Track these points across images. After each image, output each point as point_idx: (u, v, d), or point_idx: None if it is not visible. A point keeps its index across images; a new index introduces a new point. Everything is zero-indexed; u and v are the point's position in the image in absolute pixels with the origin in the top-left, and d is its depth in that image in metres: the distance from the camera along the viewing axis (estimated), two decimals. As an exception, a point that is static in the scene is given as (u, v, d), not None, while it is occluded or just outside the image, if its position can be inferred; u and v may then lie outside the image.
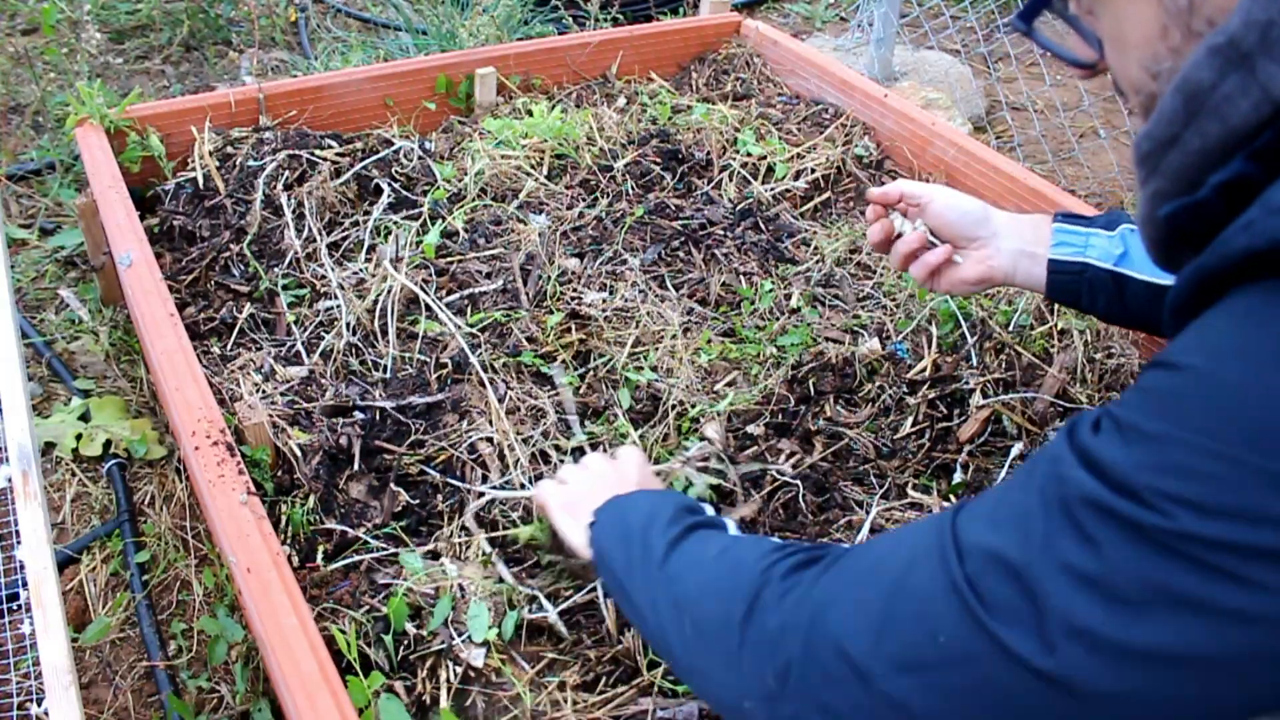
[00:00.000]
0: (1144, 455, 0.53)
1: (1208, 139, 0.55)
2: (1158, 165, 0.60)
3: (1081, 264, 1.12)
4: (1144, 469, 0.53)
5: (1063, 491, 0.56)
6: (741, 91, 2.20)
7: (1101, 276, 1.12)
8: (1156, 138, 0.59)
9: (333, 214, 1.71)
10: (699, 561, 0.81)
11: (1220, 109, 0.54)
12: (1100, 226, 1.14)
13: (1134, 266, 1.11)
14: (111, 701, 1.24)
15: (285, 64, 2.81)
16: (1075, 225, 1.15)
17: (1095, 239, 1.13)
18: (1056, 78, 3.05)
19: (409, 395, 1.38)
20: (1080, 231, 1.14)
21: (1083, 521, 0.54)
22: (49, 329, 1.78)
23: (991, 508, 0.61)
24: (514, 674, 1.08)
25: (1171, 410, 0.53)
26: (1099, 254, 1.12)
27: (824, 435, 1.39)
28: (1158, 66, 0.61)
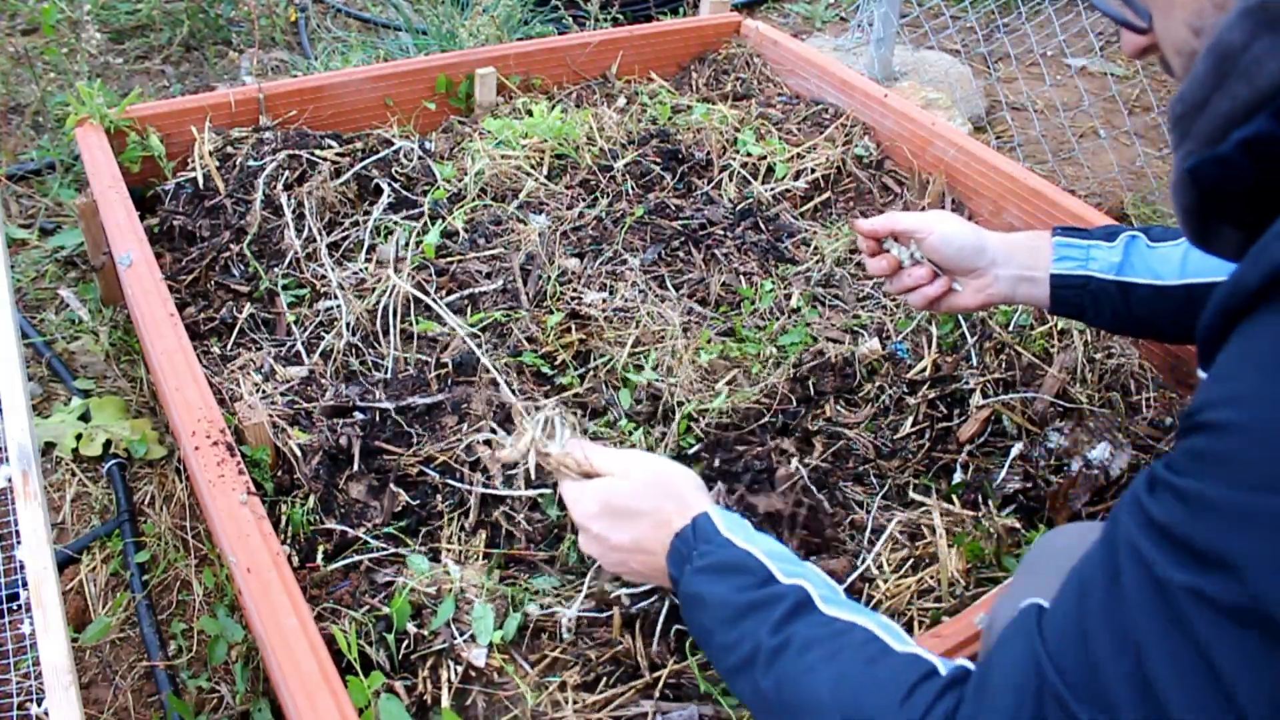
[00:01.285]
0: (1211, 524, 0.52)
1: (1236, 101, 0.56)
2: (1189, 129, 0.60)
3: (1084, 277, 1.12)
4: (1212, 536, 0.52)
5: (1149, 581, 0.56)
6: (741, 91, 2.20)
7: (1106, 287, 1.11)
8: (1188, 100, 0.59)
9: (333, 214, 1.71)
10: (814, 699, 0.73)
11: (1249, 70, 0.54)
12: (1100, 238, 1.14)
13: (1137, 273, 1.11)
14: (111, 701, 1.24)
15: (285, 64, 2.81)
16: (1074, 238, 1.15)
17: (1096, 250, 1.13)
18: (1056, 78, 3.05)
19: (409, 395, 1.38)
20: (1080, 244, 1.14)
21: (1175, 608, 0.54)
22: (49, 329, 1.78)
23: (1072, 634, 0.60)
24: (515, 674, 1.08)
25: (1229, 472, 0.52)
26: (1101, 265, 1.12)
27: (824, 435, 1.39)
28: (1201, 22, 0.61)
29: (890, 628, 0.77)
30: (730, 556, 0.85)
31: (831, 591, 0.81)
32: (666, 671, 1.08)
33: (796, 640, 0.76)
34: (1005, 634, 0.65)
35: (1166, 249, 1.11)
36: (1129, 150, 2.72)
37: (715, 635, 0.82)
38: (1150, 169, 2.63)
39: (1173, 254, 1.10)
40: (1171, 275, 1.09)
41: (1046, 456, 1.35)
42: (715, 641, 0.82)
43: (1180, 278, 1.09)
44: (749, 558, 0.84)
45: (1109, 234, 1.14)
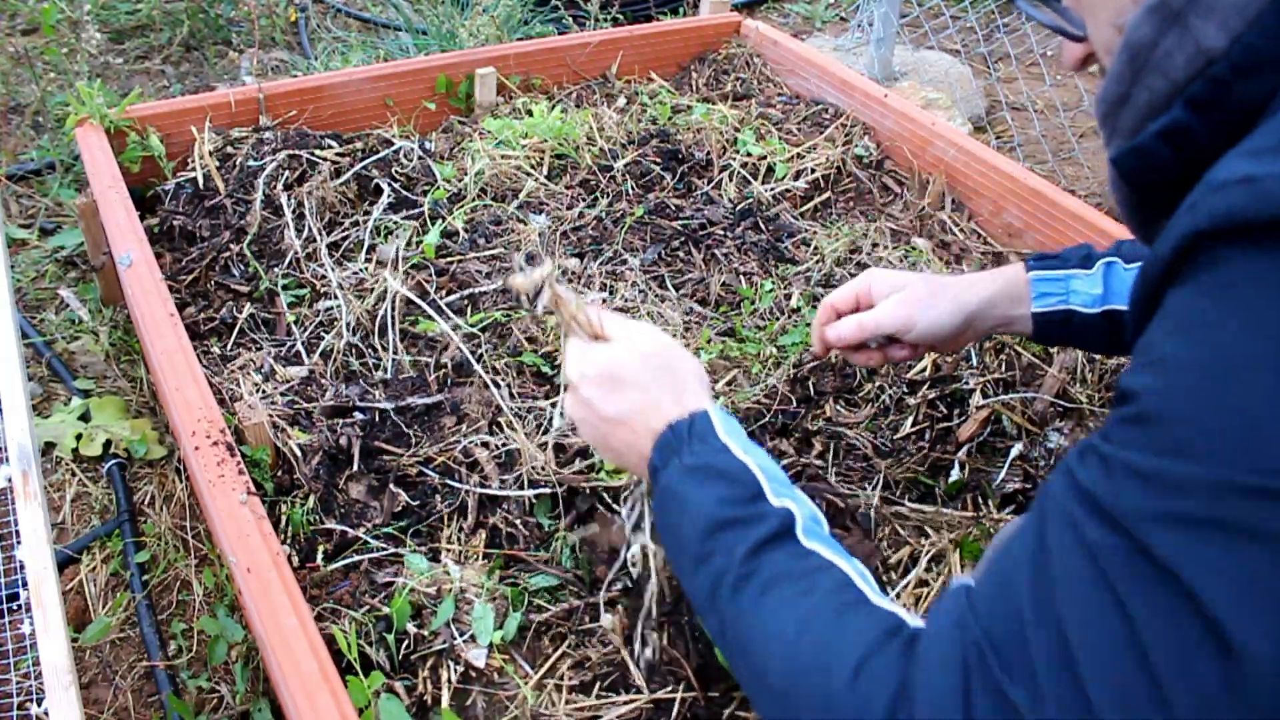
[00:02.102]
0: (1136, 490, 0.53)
1: (1154, 93, 0.58)
2: (1115, 125, 0.62)
3: (1067, 312, 1.08)
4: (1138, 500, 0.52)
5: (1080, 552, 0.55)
6: (741, 91, 2.20)
7: (1090, 320, 1.08)
8: (1109, 98, 0.62)
9: (333, 214, 1.71)
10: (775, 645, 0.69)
11: (1162, 64, 0.57)
12: (1076, 265, 1.09)
13: (1121, 300, 1.07)
14: (111, 701, 1.24)
15: (285, 64, 2.81)
16: (1051, 269, 1.09)
17: (1076, 282, 1.09)
18: (1056, 78, 3.05)
19: (409, 396, 1.38)
20: (1058, 277, 1.09)
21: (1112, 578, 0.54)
22: (49, 329, 1.78)
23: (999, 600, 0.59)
24: (515, 674, 1.08)
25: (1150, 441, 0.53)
26: (1083, 299, 1.08)
27: (824, 435, 1.39)
28: (1122, 19, 0.63)
29: (867, 576, 0.72)
30: (723, 463, 0.79)
31: (816, 524, 0.76)
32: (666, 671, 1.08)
33: (765, 572, 0.72)
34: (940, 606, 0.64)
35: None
36: (1129, 150, 2.72)
37: (687, 542, 0.77)
38: (1150, 169, 2.62)
39: None
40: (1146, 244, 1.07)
41: (1046, 456, 1.35)
42: (686, 549, 0.77)
43: None
44: (744, 470, 0.78)
45: (1085, 259, 1.10)
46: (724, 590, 0.72)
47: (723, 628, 0.73)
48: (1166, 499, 0.51)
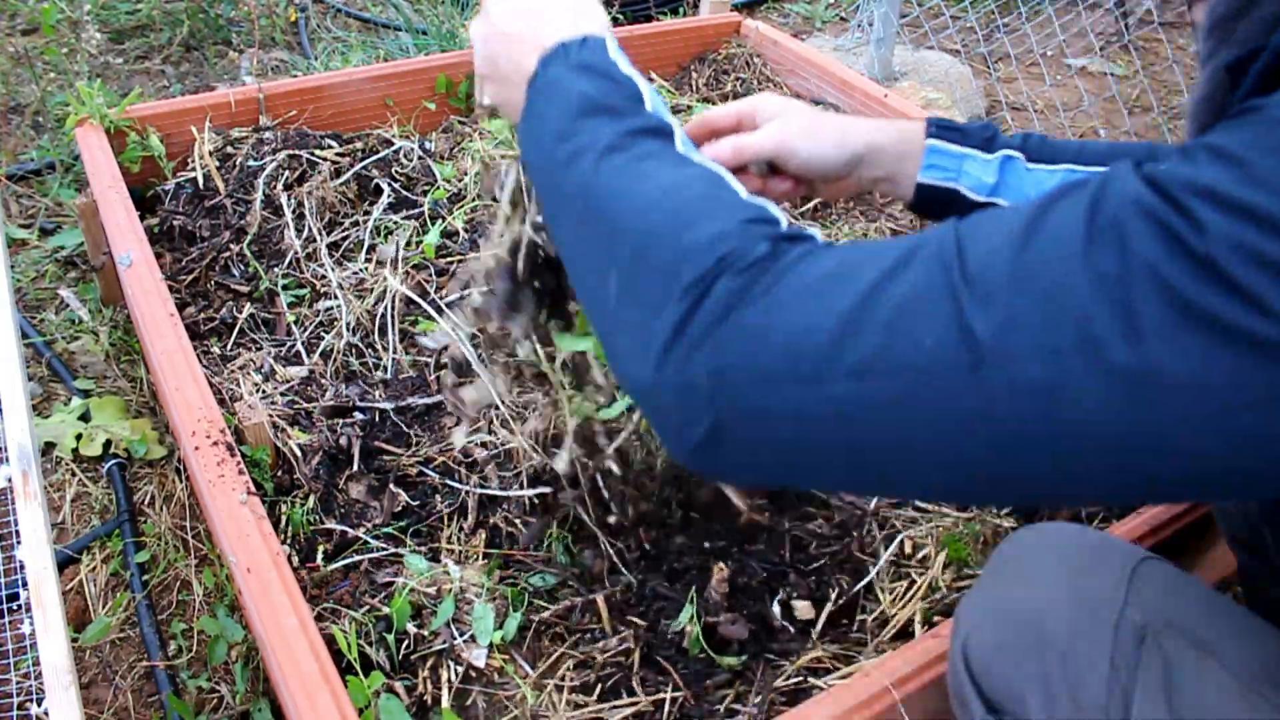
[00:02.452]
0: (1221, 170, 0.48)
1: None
2: (1231, 33, 0.56)
3: (952, 190, 1.01)
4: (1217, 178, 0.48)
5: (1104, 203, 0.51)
6: (742, 91, 2.20)
7: (973, 204, 1.01)
8: (1232, 4, 0.56)
9: (333, 214, 1.71)
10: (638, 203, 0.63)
11: None
12: (977, 146, 1.02)
13: (1009, 196, 1.02)
14: (111, 701, 1.24)
15: (285, 64, 2.81)
16: (950, 143, 1.02)
17: (970, 164, 1.01)
18: (1056, 78, 3.05)
19: (409, 396, 1.38)
20: (954, 153, 1.01)
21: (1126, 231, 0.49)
22: (49, 329, 1.78)
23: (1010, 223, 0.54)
24: (515, 674, 1.08)
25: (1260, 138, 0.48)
26: (973, 183, 1.01)
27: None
28: None
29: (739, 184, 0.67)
30: (608, 68, 0.73)
31: (692, 146, 0.70)
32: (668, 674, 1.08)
33: (640, 149, 0.66)
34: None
35: (1043, 174, 1.01)
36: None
37: (551, 122, 0.71)
38: (1150, 169, 2.63)
39: (1049, 181, 1.00)
40: None
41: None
42: (549, 128, 0.71)
43: None
44: (630, 79, 0.72)
45: (987, 140, 1.02)
46: (585, 161, 0.66)
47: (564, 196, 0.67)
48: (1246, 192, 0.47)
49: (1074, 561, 0.83)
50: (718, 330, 0.56)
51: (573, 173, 0.67)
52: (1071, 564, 0.83)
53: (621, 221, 0.63)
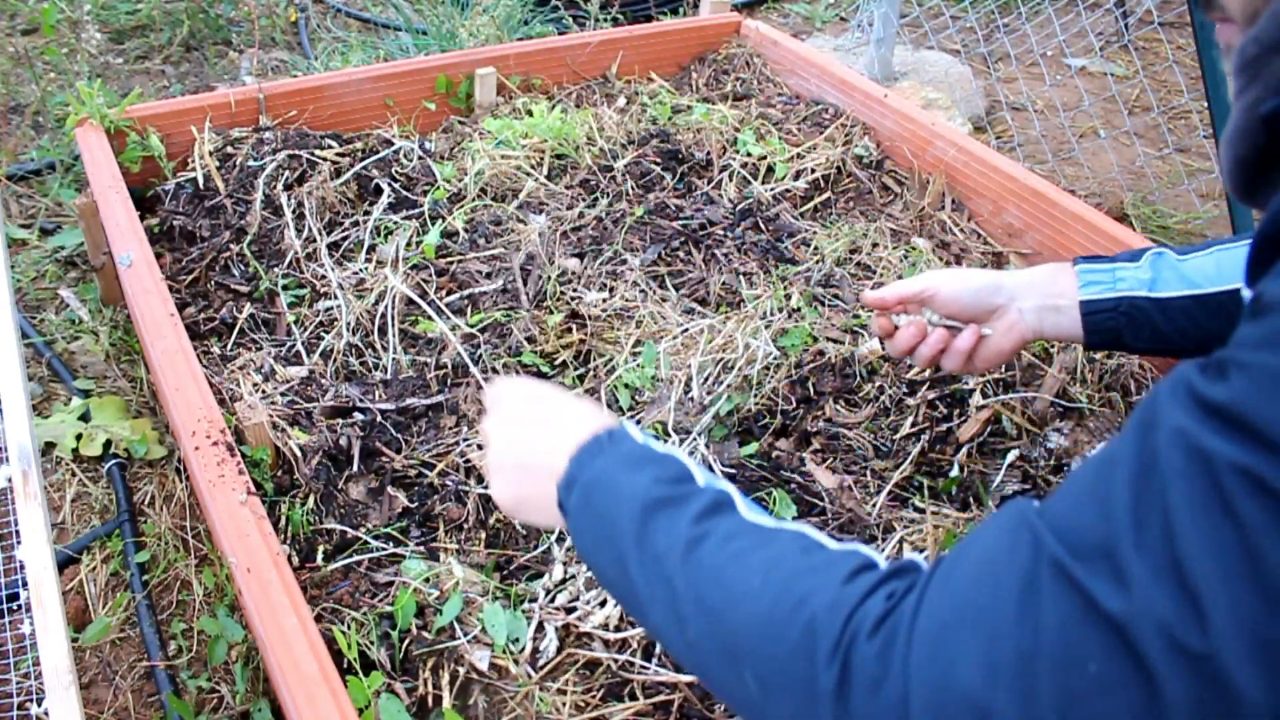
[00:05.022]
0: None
1: None
2: (1259, 72, 0.55)
3: (1116, 299, 1.07)
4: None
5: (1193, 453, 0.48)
6: (741, 91, 2.20)
7: (1140, 304, 1.07)
8: (1264, 42, 0.54)
9: (333, 214, 1.71)
10: (741, 591, 0.63)
11: None
12: (1124, 260, 1.10)
13: (1171, 287, 1.06)
14: (111, 701, 1.24)
15: (285, 64, 2.81)
16: (1098, 264, 1.10)
17: (1123, 271, 1.09)
18: (1056, 78, 3.05)
19: (409, 397, 1.38)
20: (1104, 268, 1.09)
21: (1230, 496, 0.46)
22: (49, 329, 1.78)
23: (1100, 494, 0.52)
24: (517, 675, 1.08)
25: None
26: (1131, 284, 1.07)
27: (824, 435, 1.38)
28: None
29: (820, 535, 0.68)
30: (648, 452, 0.74)
31: (756, 507, 0.71)
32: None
33: (718, 533, 0.66)
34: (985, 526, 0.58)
35: (1198, 259, 1.07)
36: (1129, 150, 2.72)
37: (623, 528, 0.70)
38: (1150, 169, 2.63)
39: (1205, 263, 1.06)
40: (1209, 283, 1.05)
41: (1046, 457, 1.35)
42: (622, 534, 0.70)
43: (1219, 285, 1.04)
44: (668, 457, 0.74)
45: (1133, 255, 1.10)
46: (673, 560, 0.66)
47: (675, 606, 0.66)
48: None
49: None
50: (875, 702, 0.55)
51: (660, 574, 0.67)
52: None
53: (737, 618, 0.62)
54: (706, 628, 0.64)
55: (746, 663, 0.62)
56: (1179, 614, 0.46)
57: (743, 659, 0.62)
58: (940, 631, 0.54)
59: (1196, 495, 0.47)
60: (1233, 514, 0.46)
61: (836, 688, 0.56)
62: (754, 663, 0.61)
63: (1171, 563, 0.47)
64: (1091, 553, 0.49)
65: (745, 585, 0.63)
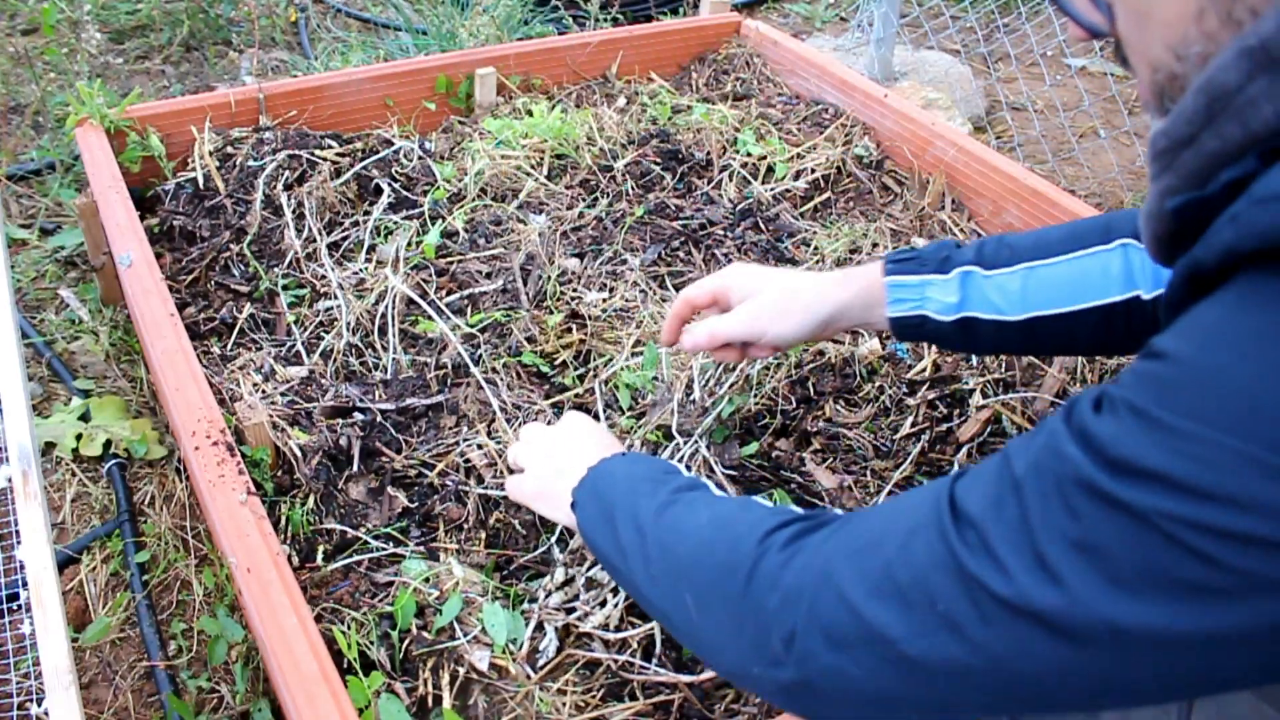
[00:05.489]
0: (1135, 433, 0.54)
1: (1226, 141, 0.54)
2: (1171, 163, 0.59)
3: (921, 317, 1.08)
4: (1134, 445, 0.54)
5: (1057, 467, 0.57)
6: (741, 91, 2.20)
7: (943, 327, 1.08)
8: (1174, 136, 0.58)
9: (333, 214, 1.71)
10: (690, 530, 0.81)
11: (1243, 112, 0.53)
12: (934, 270, 1.08)
13: (976, 308, 1.07)
14: (111, 701, 1.24)
15: (285, 64, 2.81)
16: (908, 274, 1.09)
17: (931, 289, 1.08)
18: (1056, 78, 3.05)
19: (409, 397, 1.38)
20: (914, 283, 1.08)
21: (1073, 501, 0.56)
22: (49, 329, 1.78)
23: (987, 479, 0.62)
24: (517, 676, 1.08)
25: (1165, 395, 0.54)
26: (938, 307, 1.07)
27: (824, 435, 1.39)
28: (1187, 50, 0.58)
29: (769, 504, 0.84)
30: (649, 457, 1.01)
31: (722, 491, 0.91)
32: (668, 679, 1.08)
33: (686, 499, 0.86)
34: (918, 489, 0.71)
35: (1002, 278, 1.07)
36: (1129, 150, 2.72)
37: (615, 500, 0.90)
38: (1150, 169, 2.62)
39: (1010, 283, 1.06)
40: (1014, 309, 1.06)
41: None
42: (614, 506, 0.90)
43: (1023, 312, 1.05)
44: (664, 460, 0.98)
45: (943, 261, 1.08)
46: (648, 517, 0.85)
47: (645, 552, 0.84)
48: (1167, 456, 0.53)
49: None
50: (770, 596, 0.70)
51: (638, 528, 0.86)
52: None
53: (682, 549, 0.81)
54: (661, 562, 0.82)
55: (685, 584, 0.78)
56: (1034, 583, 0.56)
57: (683, 581, 0.78)
58: (838, 550, 0.68)
59: (1053, 494, 0.57)
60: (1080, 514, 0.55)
61: (744, 585, 0.72)
62: (690, 583, 0.78)
63: (1028, 544, 0.57)
64: (967, 520, 0.61)
65: (694, 526, 0.81)
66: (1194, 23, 0.57)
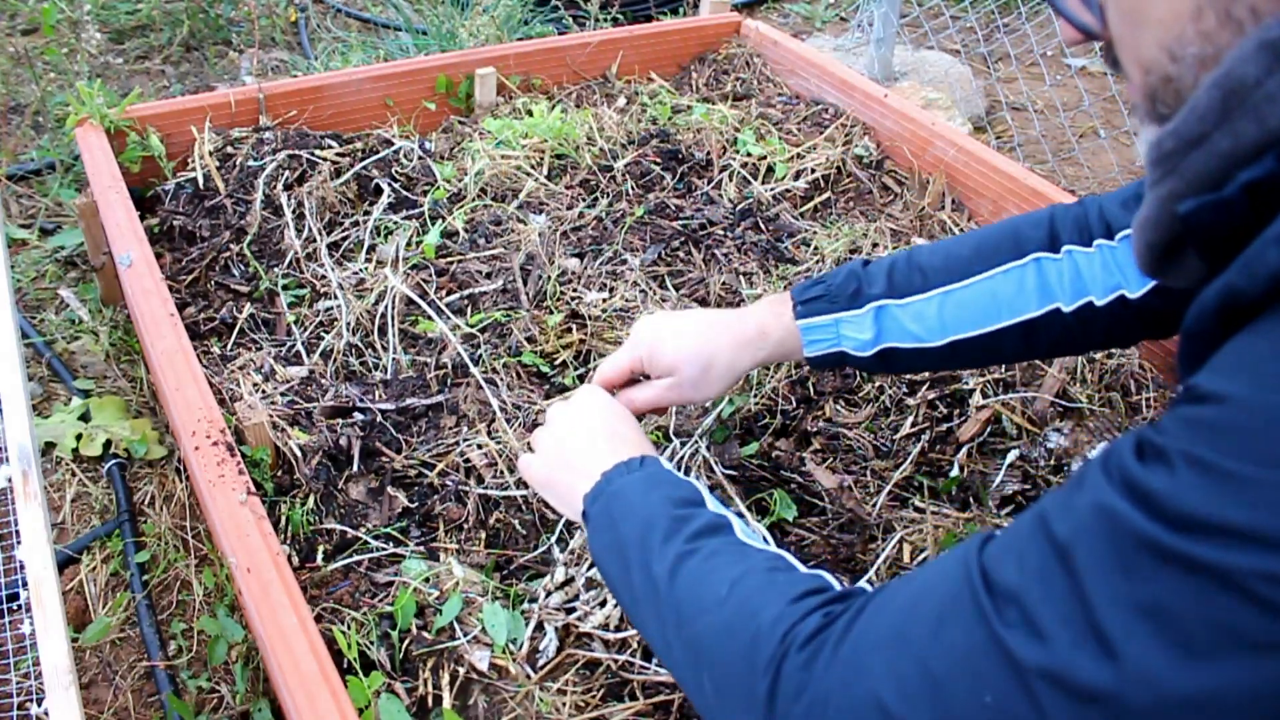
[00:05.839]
0: (1197, 485, 0.50)
1: (1240, 140, 0.51)
2: (1176, 166, 0.55)
3: (839, 354, 1.08)
4: (1198, 498, 0.49)
5: (1110, 528, 0.53)
6: (741, 91, 2.20)
7: (863, 361, 1.08)
8: (1183, 136, 0.54)
9: (333, 214, 1.71)
10: (710, 603, 0.73)
11: (1260, 108, 0.50)
12: (845, 306, 1.07)
13: (893, 339, 1.06)
14: (111, 701, 1.24)
15: (285, 64, 2.81)
16: (819, 315, 1.07)
17: (845, 326, 1.07)
18: (1056, 78, 3.05)
19: (409, 397, 1.38)
20: (826, 324, 1.07)
21: (1136, 561, 0.51)
22: (49, 329, 1.78)
23: (1023, 546, 0.57)
24: (518, 676, 1.08)
25: (1224, 441, 0.49)
26: (855, 344, 1.07)
27: (824, 435, 1.39)
28: (1182, 50, 0.56)
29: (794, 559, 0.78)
30: (668, 476, 0.89)
31: (753, 533, 0.83)
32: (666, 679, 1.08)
33: (705, 550, 0.78)
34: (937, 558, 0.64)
35: (918, 305, 1.06)
36: (1129, 150, 2.72)
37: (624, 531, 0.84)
38: (1150, 169, 2.62)
39: (927, 309, 1.05)
40: (933, 336, 1.05)
41: (1046, 457, 1.35)
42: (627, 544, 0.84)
43: (942, 337, 1.05)
44: (685, 482, 0.88)
45: (853, 295, 1.07)
46: (664, 570, 0.78)
47: (659, 609, 0.77)
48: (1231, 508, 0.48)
49: None
50: (795, 708, 0.64)
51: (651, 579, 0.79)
52: None
53: (701, 625, 0.73)
54: (678, 632, 0.74)
55: (704, 666, 0.71)
56: (1087, 659, 0.51)
57: (702, 663, 0.72)
58: (864, 646, 0.62)
59: (1108, 558, 0.52)
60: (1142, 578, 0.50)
61: (767, 696, 0.65)
62: (709, 667, 0.71)
63: (1081, 614, 0.52)
64: (1005, 595, 0.55)
65: (713, 596, 0.73)
66: (1191, 22, 0.55)
